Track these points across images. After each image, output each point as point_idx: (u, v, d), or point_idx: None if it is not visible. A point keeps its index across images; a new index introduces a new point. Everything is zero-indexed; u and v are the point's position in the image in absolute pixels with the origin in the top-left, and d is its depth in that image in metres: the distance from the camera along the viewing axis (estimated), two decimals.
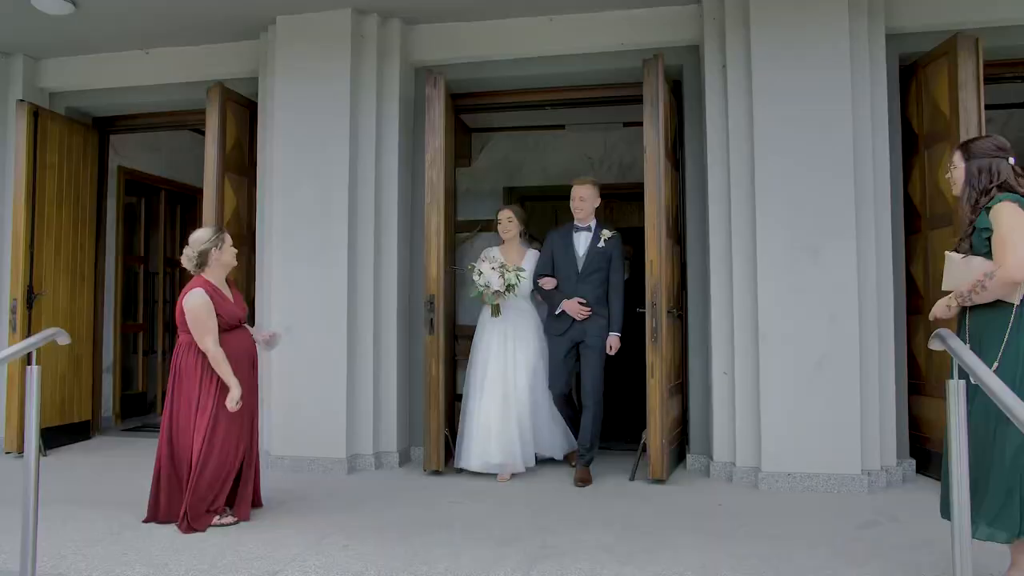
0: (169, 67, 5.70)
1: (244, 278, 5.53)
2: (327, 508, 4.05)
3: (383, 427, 5.10)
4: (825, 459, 4.33)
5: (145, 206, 7.67)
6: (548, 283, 4.74)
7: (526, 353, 4.76)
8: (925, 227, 4.69)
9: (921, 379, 4.73)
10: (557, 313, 4.69)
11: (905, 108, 4.85)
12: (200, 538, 3.48)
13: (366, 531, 3.62)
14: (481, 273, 4.69)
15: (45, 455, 5.49)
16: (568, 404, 4.91)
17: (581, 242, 4.73)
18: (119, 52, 5.76)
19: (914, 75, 4.78)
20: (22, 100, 5.56)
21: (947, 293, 2.91)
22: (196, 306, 3.66)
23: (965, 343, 2.74)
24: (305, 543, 3.43)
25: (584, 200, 4.69)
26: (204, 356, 3.69)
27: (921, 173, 4.73)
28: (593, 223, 4.76)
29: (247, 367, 3.87)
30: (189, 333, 3.72)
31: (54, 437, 5.72)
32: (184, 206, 7.98)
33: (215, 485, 3.66)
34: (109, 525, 3.68)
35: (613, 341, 4.66)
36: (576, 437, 4.82)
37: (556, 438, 4.93)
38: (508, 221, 4.93)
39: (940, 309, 2.90)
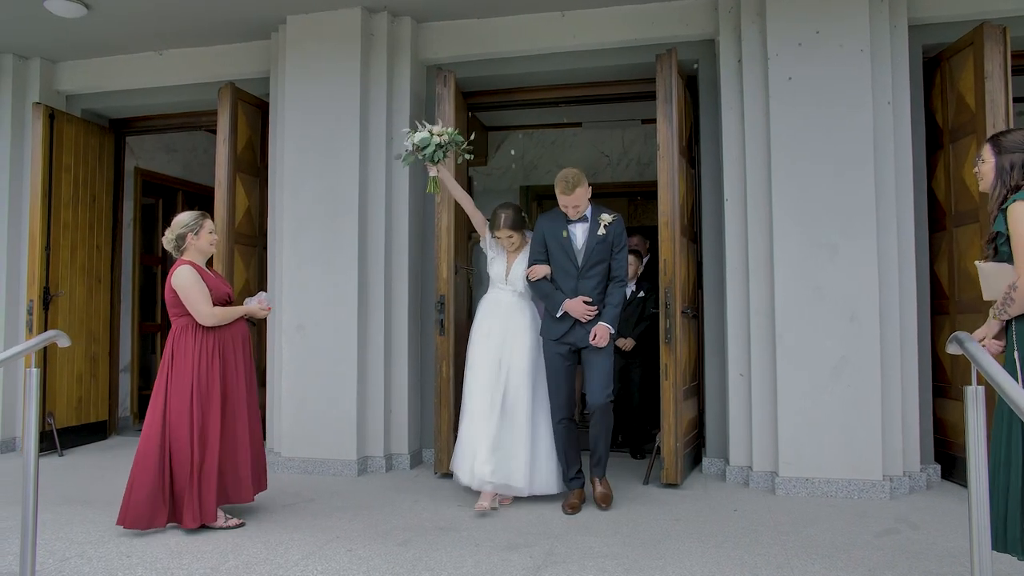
0: (182, 68, 5.72)
1: (256, 278, 5.53)
2: (333, 511, 4.01)
3: (394, 429, 5.06)
4: (845, 464, 4.20)
5: (163, 207, 7.71)
6: (538, 271, 4.05)
7: (521, 359, 4.08)
8: (950, 224, 4.54)
9: (946, 382, 4.57)
10: (558, 316, 4.02)
11: (929, 101, 4.70)
12: (203, 541, 3.45)
13: (371, 535, 3.57)
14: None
15: (62, 455, 5.55)
16: (571, 429, 4.11)
17: (578, 233, 4.04)
18: (133, 54, 5.80)
19: (938, 67, 4.62)
20: (38, 103, 5.61)
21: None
22: (186, 280, 3.63)
23: (1014, 353, 2.55)
24: (309, 547, 3.39)
25: (579, 207, 4.01)
26: (199, 338, 3.63)
27: (946, 168, 4.58)
28: (589, 210, 4.08)
29: (240, 348, 3.81)
30: (182, 316, 3.67)
31: (71, 437, 5.79)
32: (202, 206, 7.96)
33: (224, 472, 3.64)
34: (114, 526, 3.67)
35: (600, 331, 3.92)
36: (566, 474, 4.13)
37: (552, 472, 4.15)
38: (508, 239, 4.17)
39: (989, 326, 2.60)
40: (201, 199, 7.90)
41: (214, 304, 3.69)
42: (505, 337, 4.11)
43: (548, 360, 4.10)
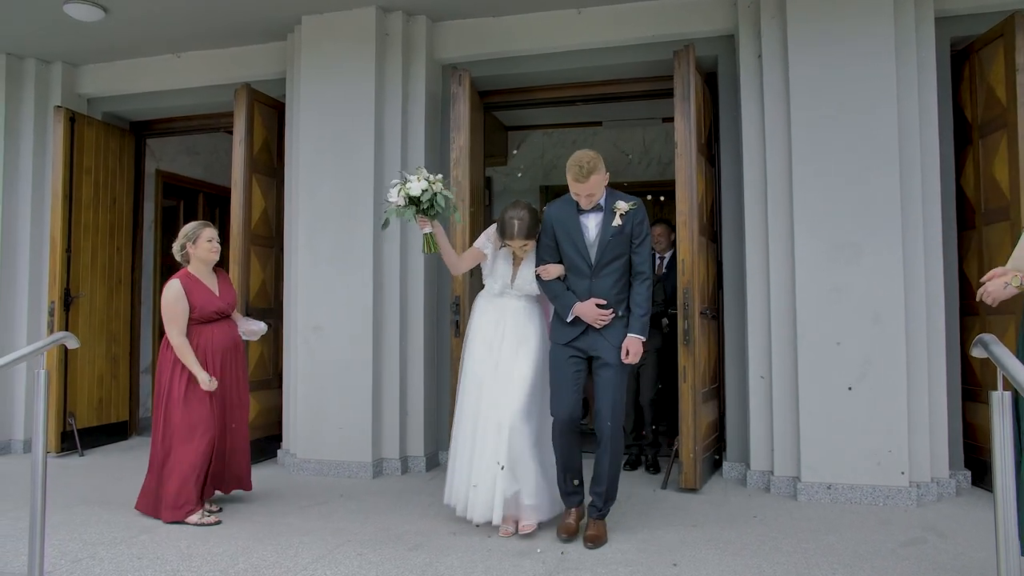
0: (200, 70, 5.74)
1: (273, 279, 5.53)
2: (346, 514, 3.98)
3: (410, 431, 5.02)
4: (869, 469, 4.08)
5: (184, 209, 7.76)
6: (550, 271, 3.57)
7: (527, 370, 3.61)
8: (980, 222, 4.39)
9: (976, 384, 4.42)
10: (568, 320, 3.52)
11: (957, 95, 4.56)
12: (214, 543, 3.44)
13: (383, 539, 3.53)
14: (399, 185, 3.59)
15: (82, 455, 5.60)
16: (572, 439, 3.54)
17: (591, 224, 3.51)
18: (152, 57, 5.84)
19: (967, 60, 4.48)
20: (59, 106, 5.66)
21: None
22: (167, 298, 3.82)
23: None
24: (320, 551, 3.36)
25: (593, 196, 3.46)
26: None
27: (975, 164, 4.43)
28: (603, 198, 3.53)
29: (220, 359, 3.93)
30: None
31: (92, 437, 5.84)
32: (223, 208, 8.03)
33: (188, 475, 3.77)
34: (128, 527, 3.69)
35: (632, 345, 3.44)
36: (563, 488, 3.61)
37: (541, 494, 3.60)
38: (522, 248, 3.66)
39: (995, 286, 2.46)
40: (222, 200, 7.94)
41: (202, 317, 3.87)
42: (514, 354, 3.64)
43: (555, 366, 3.57)
